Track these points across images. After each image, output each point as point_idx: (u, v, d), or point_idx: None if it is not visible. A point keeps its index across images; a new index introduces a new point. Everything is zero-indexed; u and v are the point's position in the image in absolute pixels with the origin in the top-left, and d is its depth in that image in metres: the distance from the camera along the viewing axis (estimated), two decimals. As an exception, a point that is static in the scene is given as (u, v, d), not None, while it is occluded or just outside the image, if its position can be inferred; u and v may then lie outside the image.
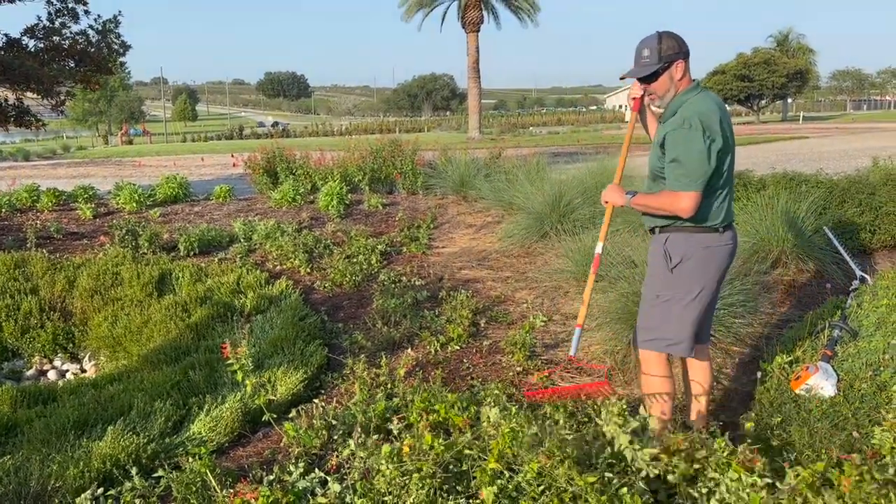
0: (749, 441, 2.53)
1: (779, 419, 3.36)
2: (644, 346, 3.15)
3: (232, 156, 19.33)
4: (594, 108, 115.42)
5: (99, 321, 6.28)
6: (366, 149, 12.00)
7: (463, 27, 34.71)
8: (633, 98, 3.40)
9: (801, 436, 3.17)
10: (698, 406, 3.36)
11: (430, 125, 61.45)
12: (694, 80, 3.04)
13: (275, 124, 71.40)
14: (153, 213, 10.09)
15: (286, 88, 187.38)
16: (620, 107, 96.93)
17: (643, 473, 2.44)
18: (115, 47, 12.62)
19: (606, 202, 3.33)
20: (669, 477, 2.47)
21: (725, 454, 2.47)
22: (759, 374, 3.97)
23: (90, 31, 12.27)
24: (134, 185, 11.09)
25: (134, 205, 10.55)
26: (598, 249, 3.56)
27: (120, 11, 12.60)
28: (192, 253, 7.95)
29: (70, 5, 11.88)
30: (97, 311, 6.50)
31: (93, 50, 12.10)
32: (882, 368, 3.59)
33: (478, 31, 34.35)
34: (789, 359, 3.93)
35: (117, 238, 8.13)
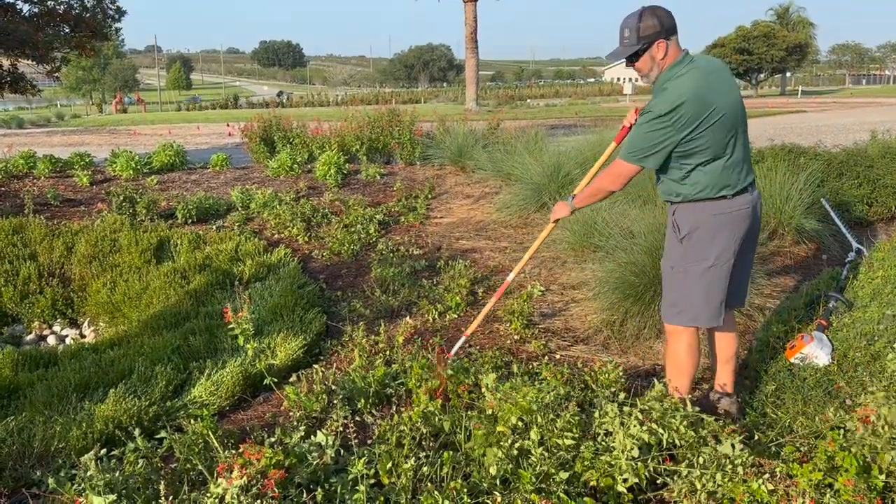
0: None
1: (773, 387, 3.42)
2: (669, 321, 3.15)
3: (227, 125, 19.19)
4: (592, 80, 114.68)
5: (98, 287, 6.29)
6: (363, 119, 11.93)
7: (461, -4, 34.21)
8: (623, 127, 3.44)
9: (794, 403, 3.23)
10: (724, 375, 3.34)
11: (426, 96, 60.90)
12: (683, 52, 2.93)
13: (279, 94, 68.50)
14: (150, 181, 10.05)
15: (281, 57, 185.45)
16: (618, 79, 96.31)
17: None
18: (110, 12, 12.49)
19: (556, 221, 3.45)
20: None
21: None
22: (754, 343, 4.03)
23: (85, -4, 12.14)
24: (130, 152, 11.01)
25: (131, 172, 10.50)
26: (510, 277, 3.66)
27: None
28: (189, 221, 7.94)
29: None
30: (96, 277, 6.50)
31: (87, 15, 11.97)
32: (876, 338, 3.63)
33: (476, 0, 33.88)
34: (785, 328, 3.98)
35: (115, 205, 8.12)
